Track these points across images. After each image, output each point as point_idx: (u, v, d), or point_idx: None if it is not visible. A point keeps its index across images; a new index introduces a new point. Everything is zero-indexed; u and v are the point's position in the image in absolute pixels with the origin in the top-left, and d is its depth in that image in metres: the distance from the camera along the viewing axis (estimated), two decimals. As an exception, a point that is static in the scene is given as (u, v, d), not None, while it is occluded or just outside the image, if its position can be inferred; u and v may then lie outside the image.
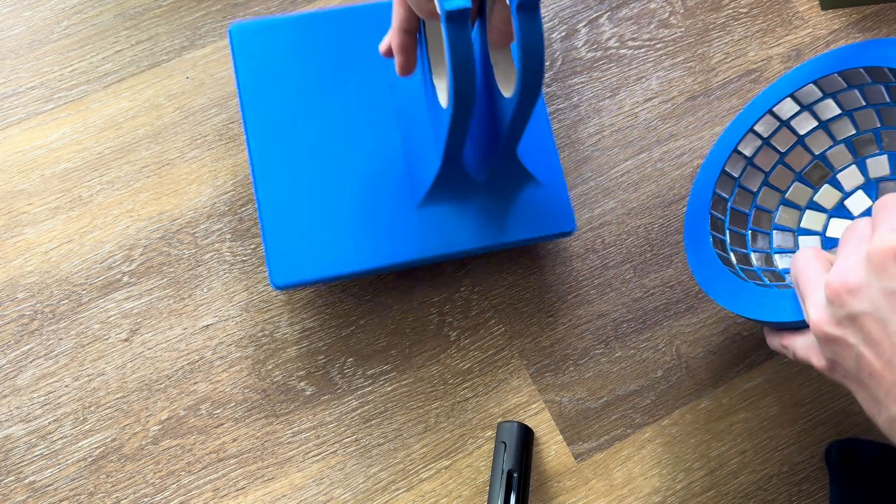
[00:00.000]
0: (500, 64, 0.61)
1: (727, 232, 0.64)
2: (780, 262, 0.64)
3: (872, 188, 0.64)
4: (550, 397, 0.68)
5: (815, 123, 0.65)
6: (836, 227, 0.65)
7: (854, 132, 0.64)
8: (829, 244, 0.65)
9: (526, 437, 0.65)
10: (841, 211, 0.65)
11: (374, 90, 0.69)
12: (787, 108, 0.65)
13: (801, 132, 0.65)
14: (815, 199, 0.66)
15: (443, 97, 0.61)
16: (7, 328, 0.68)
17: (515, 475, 0.63)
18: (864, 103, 0.63)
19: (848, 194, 0.65)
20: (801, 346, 0.52)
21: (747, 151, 0.65)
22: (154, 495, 0.64)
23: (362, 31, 0.70)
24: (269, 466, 0.65)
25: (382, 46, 0.61)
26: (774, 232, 0.65)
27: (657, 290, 0.71)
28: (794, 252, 0.64)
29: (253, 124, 0.67)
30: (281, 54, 0.69)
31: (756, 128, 0.65)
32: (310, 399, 0.67)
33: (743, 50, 0.78)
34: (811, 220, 0.65)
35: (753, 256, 0.64)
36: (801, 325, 0.53)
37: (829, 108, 0.64)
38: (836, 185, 0.66)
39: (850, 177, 0.65)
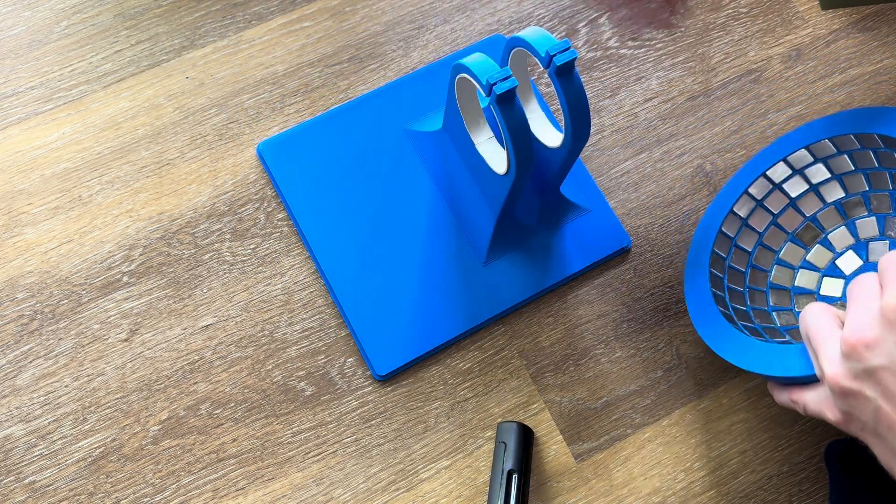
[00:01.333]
0: (534, 117, 0.66)
1: (726, 290, 0.66)
2: (779, 319, 0.66)
3: (862, 248, 0.67)
4: (550, 397, 0.68)
5: (806, 187, 0.68)
6: (830, 286, 0.67)
7: (843, 195, 0.67)
8: (825, 302, 0.66)
9: (526, 437, 0.65)
10: (833, 270, 0.67)
11: (406, 166, 0.72)
12: (780, 171, 0.68)
13: (793, 195, 0.68)
14: (808, 258, 0.68)
15: (496, 165, 0.64)
16: (7, 328, 0.68)
17: (515, 475, 0.63)
18: (853, 168, 0.66)
19: (839, 254, 0.68)
20: (813, 400, 0.53)
21: (742, 212, 0.68)
22: (154, 495, 0.64)
23: (377, 115, 0.73)
24: (268, 466, 0.65)
25: None
26: (770, 290, 0.67)
27: (657, 290, 0.71)
28: (790, 309, 0.66)
29: (310, 232, 0.70)
30: (312, 158, 0.72)
31: (750, 190, 0.68)
32: (310, 399, 0.67)
33: (743, 50, 0.78)
34: (805, 279, 0.68)
35: (752, 313, 0.65)
36: (810, 380, 0.54)
37: (820, 172, 0.67)
38: (828, 246, 0.68)
39: (841, 238, 0.68)
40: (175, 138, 0.73)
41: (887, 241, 0.66)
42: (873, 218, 0.67)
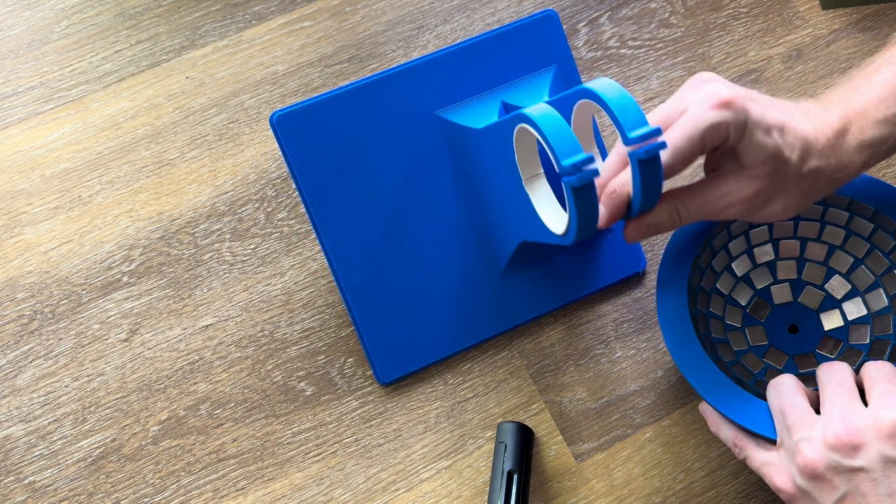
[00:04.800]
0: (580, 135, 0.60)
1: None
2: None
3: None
4: (550, 397, 0.68)
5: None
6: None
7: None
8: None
9: (526, 437, 0.64)
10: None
11: (433, 157, 0.66)
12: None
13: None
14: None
15: (545, 212, 0.59)
16: (7, 328, 0.68)
17: (516, 475, 0.63)
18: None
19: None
20: (760, 460, 0.56)
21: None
22: (154, 496, 0.64)
23: (407, 95, 0.66)
24: (268, 467, 0.65)
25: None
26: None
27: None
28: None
29: (322, 220, 0.65)
30: (331, 136, 0.65)
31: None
32: (310, 399, 0.67)
33: (743, 50, 0.78)
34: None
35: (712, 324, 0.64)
36: (768, 440, 0.56)
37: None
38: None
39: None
40: (175, 138, 0.73)
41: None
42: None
